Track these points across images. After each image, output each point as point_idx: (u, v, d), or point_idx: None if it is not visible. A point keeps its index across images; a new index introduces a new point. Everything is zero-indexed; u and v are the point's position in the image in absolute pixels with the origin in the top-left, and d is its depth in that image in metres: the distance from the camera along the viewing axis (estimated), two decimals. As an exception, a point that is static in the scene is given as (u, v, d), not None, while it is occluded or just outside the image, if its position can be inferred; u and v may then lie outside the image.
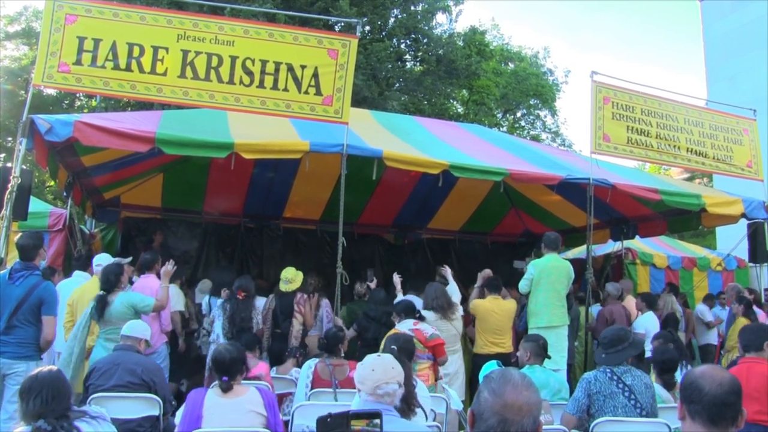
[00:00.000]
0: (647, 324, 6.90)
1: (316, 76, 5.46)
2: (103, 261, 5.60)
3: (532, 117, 26.30)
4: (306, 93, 5.44)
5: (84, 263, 6.15)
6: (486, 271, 6.68)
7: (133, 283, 5.69)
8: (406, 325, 5.02)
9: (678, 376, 4.81)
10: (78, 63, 5.00)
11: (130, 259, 6.14)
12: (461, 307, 6.04)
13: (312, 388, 4.32)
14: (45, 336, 4.38)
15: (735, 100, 9.27)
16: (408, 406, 3.17)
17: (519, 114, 26.18)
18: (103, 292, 4.90)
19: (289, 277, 5.93)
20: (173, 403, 4.27)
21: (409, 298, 5.95)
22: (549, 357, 4.54)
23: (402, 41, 17.74)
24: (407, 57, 18.72)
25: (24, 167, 4.94)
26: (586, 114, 6.64)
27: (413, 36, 17.48)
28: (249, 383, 3.74)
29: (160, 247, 8.07)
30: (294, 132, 5.94)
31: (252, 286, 5.65)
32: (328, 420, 2.16)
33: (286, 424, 3.87)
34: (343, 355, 4.69)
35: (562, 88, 26.61)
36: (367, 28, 16.00)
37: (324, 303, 6.42)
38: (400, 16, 17.27)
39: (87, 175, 7.00)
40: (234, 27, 5.43)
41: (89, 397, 3.74)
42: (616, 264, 9.78)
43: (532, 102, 25.11)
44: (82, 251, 7.05)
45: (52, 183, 14.74)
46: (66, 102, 17.33)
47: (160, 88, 5.16)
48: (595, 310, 7.71)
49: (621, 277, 9.44)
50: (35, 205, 6.75)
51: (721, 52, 15.69)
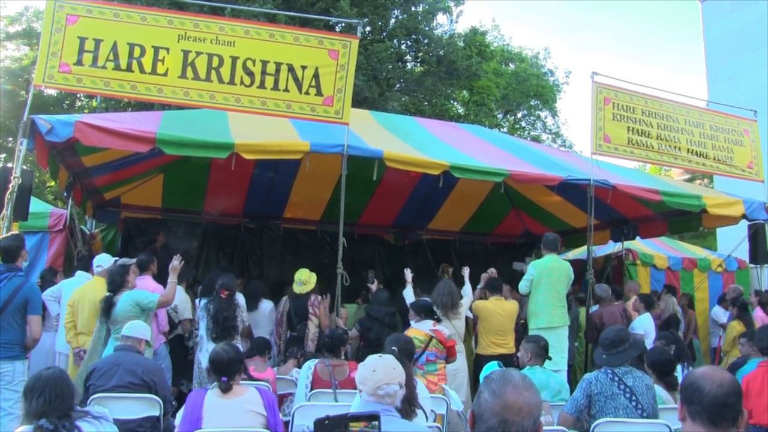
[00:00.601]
0: (645, 325, 6.88)
1: (316, 76, 5.46)
2: (103, 262, 5.59)
3: (532, 118, 26.25)
4: (306, 93, 5.44)
5: (86, 263, 6.12)
6: (491, 271, 6.68)
7: None
8: (426, 326, 5.02)
9: (679, 377, 4.81)
10: (79, 63, 5.01)
11: (135, 260, 6.14)
12: (468, 310, 6.02)
13: (312, 389, 4.32)
14: (32, 335, 4.37)
15: (735, 100, 9.26)
16: (409, 406, 3.17)
17: (519, 115, 26.14)
18: (109, 293, 4.90)
19: (304, 279, 5.90)
20: (174, 403, 4.27)
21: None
22: (550, 358, 4.54)
23: (403, 42, 17.73)
24: (408, 58, 18.71)
25: (25, 167, 4.95)
26: (587, 115, 6.65)
27: (414, 37, 17.47)
28: (251, 383, 3.74)
29: (162, 248, 8.07)
30: (294, 132, 5.94)
31: (234, 285, 5.52)
32: (326, 422, 2.15)
33: (287, 424, 3.87)
34: (344, 356, 4.68)
35: (562, 88, 26.57)
36: (368, 28, 16.00)
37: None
38: (400, 17, 17.25)
39: (87, 176, 7.00)
40: (234, 27, 5.43)
41: (90, 397, 3.73)
42: (616, 265, 9.77)
43: (532, 103, 25.07)
44: (83, 251, 7.05)
45: (53, 183, 14.74)
46: (66, 102, 17.30)
47: (160, 88, 5.17)
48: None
49: (621, 277, 9.43)
50: (36, 205, 6.75)
51: (722, 53, 15.66)
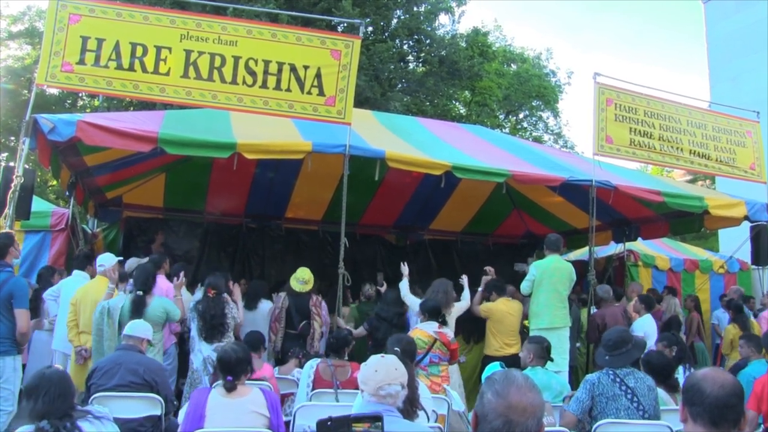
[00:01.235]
0: (645, 326, 6.85)
1: (318, 76, 5.46)
2: (106, 261, 5.58)
3: (534, 118, 26.22)
4: (309, 93, 5.43)
5: (82, 262, 6.10)
6: (489, 270, 6.66)
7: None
8: (430, 327, 5.03)
9: (681, 379, 4.80)
10: (81, 63, 5.01)
11: (147, 259, 6.16)
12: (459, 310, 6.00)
13: (313, 389, 4.31)
14: (19, 329, 4.37)
15: (738, 101, 9.24)
16: (411, 407, 3.17)
17: (521, 115, 26.10)
18: (140, 292, 4.92)
19: (306, 278, 5.92)
20: (175, 402, 4.27)
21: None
22: (552, 360, 4.54)
23: (405, 42, 17.73)
24: (410, 58, 18.70)
25: (27, 167, 4.95)
26: (589, 115, 6.65)
27: (416, 37, 17.47)
28: (253, 383, 3.74)
29: (161, 248, 8.08)
30: (296, 132, 5.94)
31: (222, 284, 5.49)
32: (329, 423, 2.15)
33: (288, 424, 3.86)
34: (347, 357, 4.67)
35: (564, 89, 26.57)
36: (370, 28, 15.99)
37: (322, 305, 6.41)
38: (402, 17, 17.26)
39: (89, 175, 7.00)
40: (237, 27, 5.42)
41: (91, 396, 3.74)
42: (618, 266, 9.76)
43: (534, 103, 25.04)
44: (85, 250, 7.05)
45: (55, 182, 14.75)
46: (69, 101, 17.31)
47: (163, 88, 5.16)
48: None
49: (623, 278, 9.42)
50: (37, 204, 6.75)
51: (724, 53, 15.64)
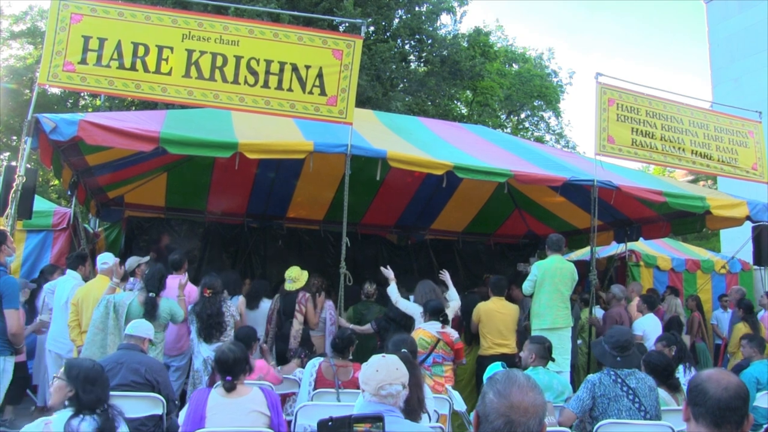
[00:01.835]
0: (646, 326, 6.84)
1: (320, 76, 5.46)
2: (108, 260, 5.62)
3: (536, 118, 26.19)
4: (310, 93, 5.44)
5: (74, 262, 6.10)
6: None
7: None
8: (433, 327, 5.01)
9: (681, 378, 4.80)
10: (83, 62, 5.01)
11: (148, 258, 6.16)
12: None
13: (315, 388, 4.31)
14: (9, 329, 4.36)
15: (740, 101, 9.24)
16: (419, 408, 3.18)
17: (523, 115, 26.08)
18: (152, 294, 4.95)
19: (294, 276, 5.87)
20: (176, 402, 4.27)
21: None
22: (553, 360, 4.53)
23: (406, 42, 17.72)
24: (411, 58, 18.69)
25: (28, 166, 4.96)
26: (591, 115, 6.64)
27: (417, 37, 17.46)
28: (253, 383, 3.74)
29: (165, 249, 8.08)
30: (298, 132, 5.94)
31: (219, 284, 5.46)
32: (330, 423, 2.15)
33: (289, 423, 3.86)
34: (351, 357, 4.66)
35: (566, 89, 26.57)
36: (372, 28, 15.98)
37: (328, 305, 6.38)
38: (404, 17, 17.26)
39: (91, 174, 7.02)
40: (239, 27, 5.43)
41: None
42: (619, 266, 9.76)
43: (536, 103, 25.02)
44: (79, 250, 7.06)
45: (57, 182, 14.78)
46: (70, 101, 17.32)
47: (164, 87, 5.17)
48: (599, 312, 7.69)
49: (625, 279, 9.41)
50: (39, 204, 6.77)
51: (726, 54, 15.62)
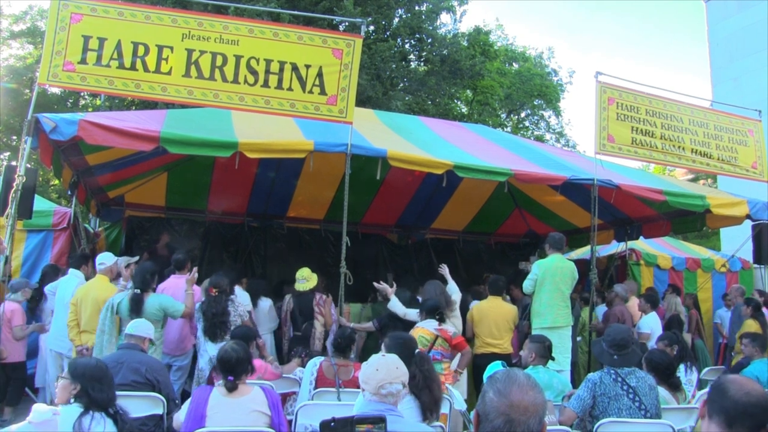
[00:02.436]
0: (652, 324, 6.87)
1: (320, 75, 5.46)
2: (106, 260, 5.62)
3: (536, 117, 26.19)
4: (310, 92, 5.44)
5: (77, 261, 6.11)
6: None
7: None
8: (431, 324, 5.02)
9: (682, 377, 4.80)
10: (83, 62, 5.01)
11: (137, 258, 6.15)
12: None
13: (316, 387, 4.31)
14: None
15: (740, 100, 9.23)
16: (435, 406, 3.20)
17: (523, 114, 26.08)
18: (138, 290, 4.94)
19: (306, 276, 5.90)
20: (177, 402, 4.27)
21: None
22: (553, 359, 4.53)
23: (406, 41, 17.70)
24: (411, 57, 18.68)
25: (29, 166, 4.95)
26: (591, 114, 6.63)
27: (417, 36, 17.45)
28: (254, 383, 3.74)
29: (165, 248, 8.09)
30: (298, 131, 5.94)
31: (225, 283, 5.43)
32: (332, 424, 2.15)
33: (290, 423, 3.86)
34: (352, 356, 4.67)
35: (566, 88, 26.53)
36: (372, 27, 15.97)
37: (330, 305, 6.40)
38: (404, 16, 17.25)
39: (91, 174, 7.01)
40: (239, 26, 5.42)
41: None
42: (619, 265, 9.76)
43: (536, 102, 25.02)
44: (86, 249, 7.06)
45: (57, 182, 14.77)
46: (70, 101, 17.32)
47: (164, 87, 5.17)
48: (600, 310, 7.69)
49: (625, 278, 9.41)
50: (40, 203, 6.77)
51: (726, 53, 15.63)
